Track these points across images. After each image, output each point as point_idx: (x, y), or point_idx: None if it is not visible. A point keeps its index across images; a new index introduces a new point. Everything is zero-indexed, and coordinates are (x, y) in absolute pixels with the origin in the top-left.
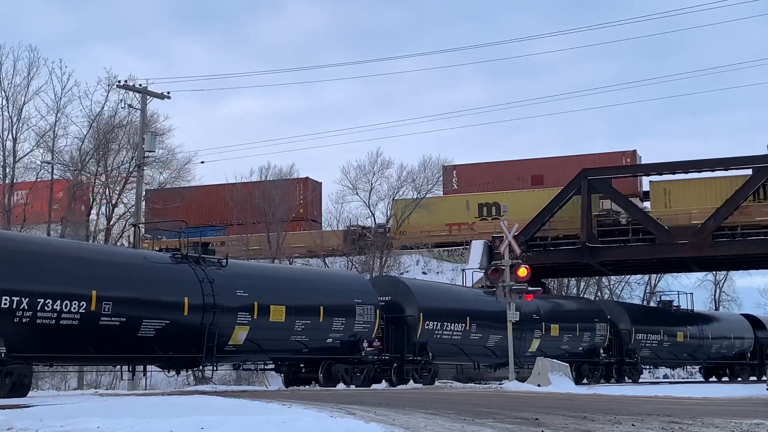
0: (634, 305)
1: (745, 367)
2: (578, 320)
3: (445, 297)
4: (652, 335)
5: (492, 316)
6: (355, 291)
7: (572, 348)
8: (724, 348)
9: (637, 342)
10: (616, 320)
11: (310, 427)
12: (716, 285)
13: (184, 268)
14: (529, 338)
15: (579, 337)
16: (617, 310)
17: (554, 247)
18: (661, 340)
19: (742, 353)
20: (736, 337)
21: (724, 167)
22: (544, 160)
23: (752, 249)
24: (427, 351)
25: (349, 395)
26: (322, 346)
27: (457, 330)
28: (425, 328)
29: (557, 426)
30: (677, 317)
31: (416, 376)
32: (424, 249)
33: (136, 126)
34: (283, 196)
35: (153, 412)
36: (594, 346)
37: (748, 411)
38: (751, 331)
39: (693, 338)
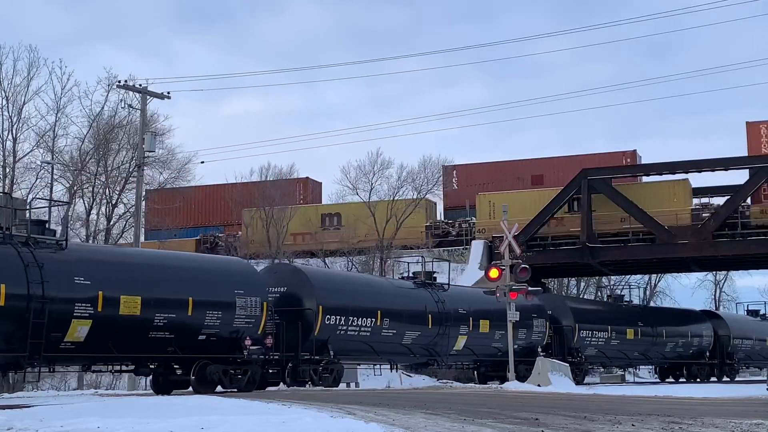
0: (581, 300)
1: (704, 367)
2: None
3: (352, 288)
4: (598, 333)
5: (409, 311)
6: (237, 281)
7: (506, 346)
8: (680, 347)
9: (581, 340)
10: (558, 316)
11: (310, 427)
12: (716, 285)
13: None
14: (453, 335)
15: (514, 334)
16: (560, 305)
17: (554, 247)
18: (609, 338)
19: (701, 352)
20: (694, 335)
21: (724, 167)
22: (544, 160)
23: (752, 249)
24: (329, 349)
25: (350, 395)
26: (192, 344)
27: (366, 326)
28: (326, 323)
29: (557, 426)
30: (628, 313)
31: (314, 377)
32: (424, 249)
33: (136, 126)
34: (283, 196)
35: (153, 412)
36: (531, 344)
37: (748, 411)
38: (710, 329)
39: (645, 336)
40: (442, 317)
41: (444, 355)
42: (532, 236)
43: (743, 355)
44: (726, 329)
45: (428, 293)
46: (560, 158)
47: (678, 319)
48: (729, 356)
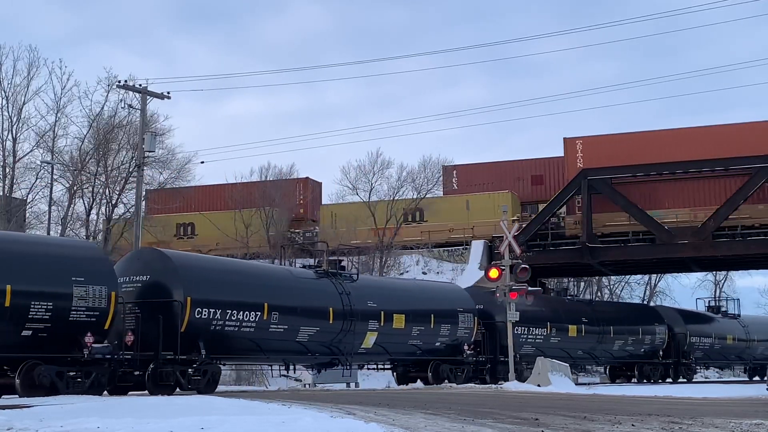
0: None
1: (658, 366)
2: (438, 309)
3: (232, 278)
4: (535, 329)
5: (305, 303)
6: (77, 267)
7: (426, 344)
8: (630, 345)
9: (515, 337)
10: (490, 311)
11: (310, 427)
12: (716, 285)
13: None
14: (361, 331)
15: (435, 330)
16: (491, 299)
17: (554, 247)
18: (548, 335)
19: (654, 351)
20: (646, 333)
21: (724, 167)
22: (544, 160)
23: (752, 249)
24: (200, 348)
25: (350, 395)
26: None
27: (249, 321)
28: (195, 317)
29: (557, 426)
30: (571, 309)
31: (182, 380)
32: (424, 249)
33: (136, 126)
34: (283, 196)
35: (153, 412)
36: (457, 341)
37: (748, 411)
38: (664, 327)
39: (590, 334)
40: (347, 311)
41: (350, 354)
42: (532, 236)
43: (701, 354)
44: (682, 327)
45: (332, 284)
46: (560, 158)
47: (629, 315)
48: (685, 355)
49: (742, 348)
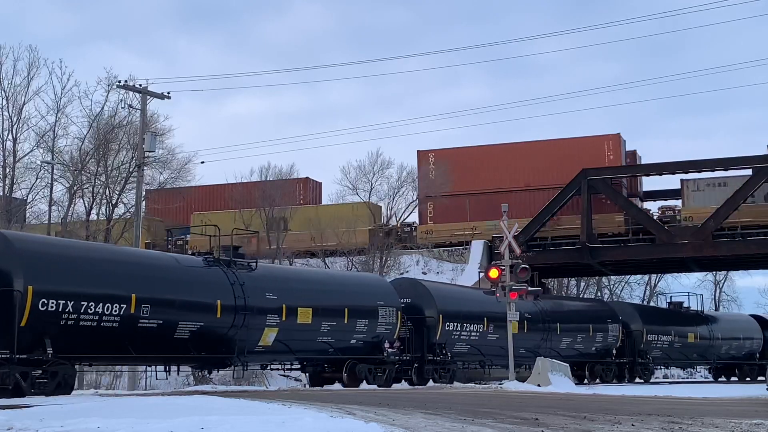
0: (447, 286)
1: (611, 366)
2: (354, 304)
3: (89, 266)
4: (470, 326)
5: (185, 295)
6: None
7: (340, 342)
8: (580, 343)
9: (447, 334)
10: (421, 304)
11: (310, 427)
12: (716, 285)
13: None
14: (257, 327)
15: (350, 326)
16: (422, 291)
17: (554, 247)
18: (483, 332)
19: (607, 350)
20: (597, 331)
21: (724, 167)
22: None
23: (752, 249)
24: (45, 345)
25: (350, 395)
26: None
27: (112, 315)
28: (40, 310)
29: (557, 426)
30: (502, 303)
31: (23, 384)
32: (424, 249)
33: (136, 126)
34: (283, 196)
35: (153, 412)
36: (378, 338)
37: (748, 411)
38: (618, 324)
39: (534, 332)
40: (239, 304)
41: (243, 353)
42: (532, 236)
43: (659, 354)
44: (638, 324)
45: (223, 273)
46: None
47: (580, 312)
48: (641, 354)
49: (705, 347)
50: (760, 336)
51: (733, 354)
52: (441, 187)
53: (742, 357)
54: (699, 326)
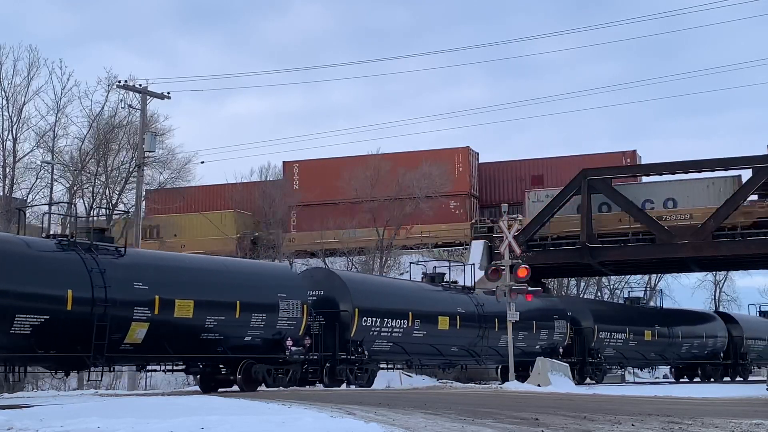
0: (366, 277)
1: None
2: (248, 296)
3: None
4: (391, 321)
5: (24, 285)
6: None
7: (232, 339)
8: (523, 342)
9: (364, 330)
10: (335, 297)
11: (310, 427)
12: (716, 285)
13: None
14: (122, 322)
15: (243, 321)
16: (336, 282)
17: (554, 247)
18: (408, 328)
19: (554, 348)
20: (544, 328)
21: (724, 167)
22: (544, 160)
23: (752, 249)
24: None
25: (349, 395)
26: None
27: None
28: None
29: (557, 426)
30: (440, 298)
31: None
32: (425, 249)
33: (136, 126)
34: (283, 196)
35: (153, 412)
36: (279, 335)
37: (748, 411)
38: (566, 321)
39: (468, 328)
40: (98, 295)
41: (101, 353)
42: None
43: (613, 353)
44: (589, 322)
45: (80, 259)
46: (560, 158)
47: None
48: (593, 354)
49: (664, 345)
50: (724, 334)
51: (695, 353)
52: (303, 197)
53: (705, 356)
54: (656, 324)
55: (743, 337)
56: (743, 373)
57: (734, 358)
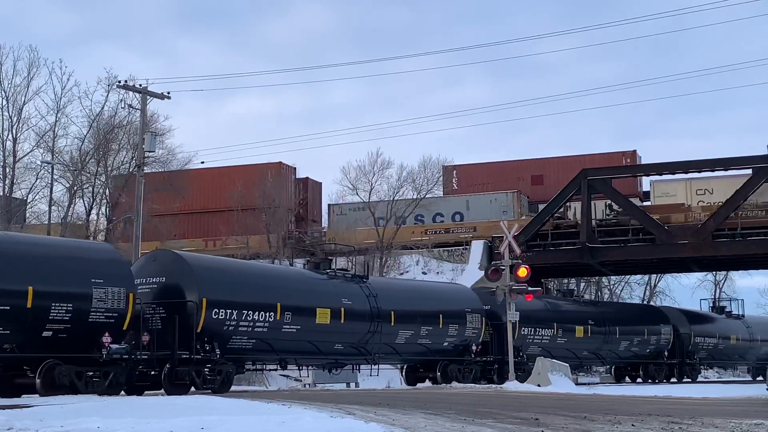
0: (217, 259)
1: (471, 366)
2: (48, 283)
3: None
4: (253, 314)
5: None
6: None
7: (19, 335)
8: (426, 338)
9: (217, 324)
10: (181, 285)
11: (310, 427)
12: (716, 285)
13: None
14: None
15: (40, 312)
16: (183, 268)
17: (554, 247)
18: (256, 323)
19: (465, 347)
20: (451, 325)
21: (724, 167)
22: (544, 160)
23: (752, 249)
24: None
25: (349, 395)
26: None
27: None
28: None
29: (557, 426)
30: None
31: None
32: (424, 249)
33: (136, 126)
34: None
35: (153, 412)
36: (92, 328)
37: (748, 411)
38: (481, 317)
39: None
40: None
41: None
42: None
43: (538, 350)
44: (687, 327)
45: None
46: (560, 158)
47: (429, 297)
48: (516, 352)
49: (600, 343)
50: (668, 331)
51: (635, 352)
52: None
53: (647, 355)
54: (592, 319)
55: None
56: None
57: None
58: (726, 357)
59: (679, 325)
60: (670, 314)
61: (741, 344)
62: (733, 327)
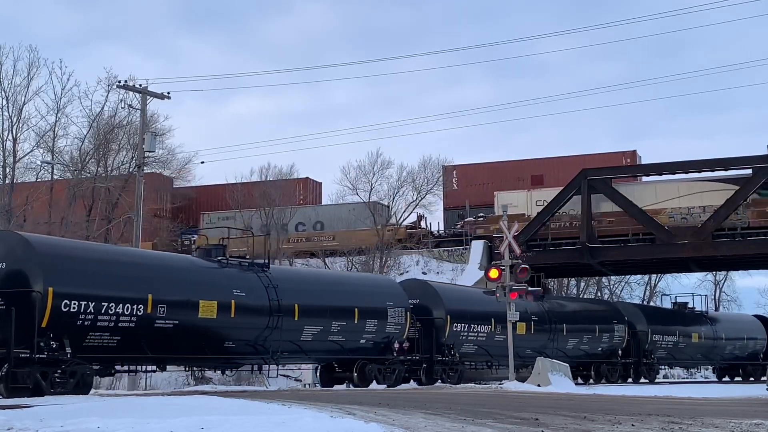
0: None
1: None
2: None
3: None
4: (114, 306)
5: None
6: None
7: None
8: (339, 335)
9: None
10: (22, 272)
11: (310, 427)
12: (716, 285)
13: None
14: None
15: None
16: (56, 262)
17: (554, 247)
18: (139, 316)
19: (375, 345)
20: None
21: (724, 167)
22: (544, 160)
23: (752, 249)
24: None
25: (349, 395)
26: None
27: None
28: None
29: (557, 426)
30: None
31: None
32: (424, 249)
33: (136, 126)
34: (283, 196)
35: (153, 412)
36: None
37: (748, 411)
38: (402, 308)
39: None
40: None
41: None
42: (532, 236)
43: (472, 348)
44: (437, 311)
45: None
46: (560, 158)
47: (328, 289)
48: (444, 349)
49: (545, 341)
50: (623, 329)
51: (585, 351)
52: None
53: (599, 355)
54: (535, 316)
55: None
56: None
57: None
58: (687, 357)
59: (636, 323)
60: (626, 311)
61: (704, 343)
62: (696, 325)
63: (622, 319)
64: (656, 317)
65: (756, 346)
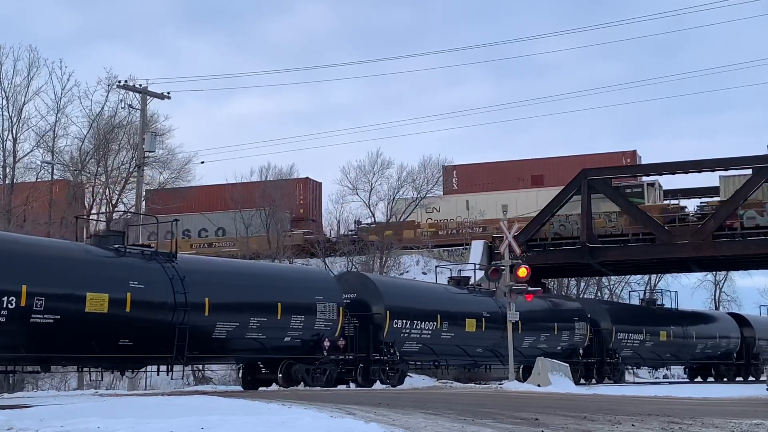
0: None
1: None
2: None
3: None
4: None
5: None
6: None
7: None
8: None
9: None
10: None
11: (310, 427)
12: (716, 285)
13: None
14: None
15: None
16: None
17: (554, 247)
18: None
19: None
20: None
21: (724, 167)
22: (544, 160)
23: (752, 249)
24: None
25: (349, 395)
26: None
27: None
28: None
29: (557, 426)
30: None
31: None
32: (424, 249)
33: (136, 126)
34: (283, 196)
35: (153, 412)
36: None
37: (748, 411)
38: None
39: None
40: None
41: None
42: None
43: (415, 347)
44: (376, 306)
45: None
46: (560, 158)
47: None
48: (384, 348)
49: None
50: (584, 327)
51: (543, 350)
52: None
53: (558, 354)
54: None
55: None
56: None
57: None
58: (655, 356)
59: (600, 320)
60: (589, 308)
61: (673, 342)
62: (664, 322)
63: (584, 317)
64: (622, 315)
65: (729, 345)
